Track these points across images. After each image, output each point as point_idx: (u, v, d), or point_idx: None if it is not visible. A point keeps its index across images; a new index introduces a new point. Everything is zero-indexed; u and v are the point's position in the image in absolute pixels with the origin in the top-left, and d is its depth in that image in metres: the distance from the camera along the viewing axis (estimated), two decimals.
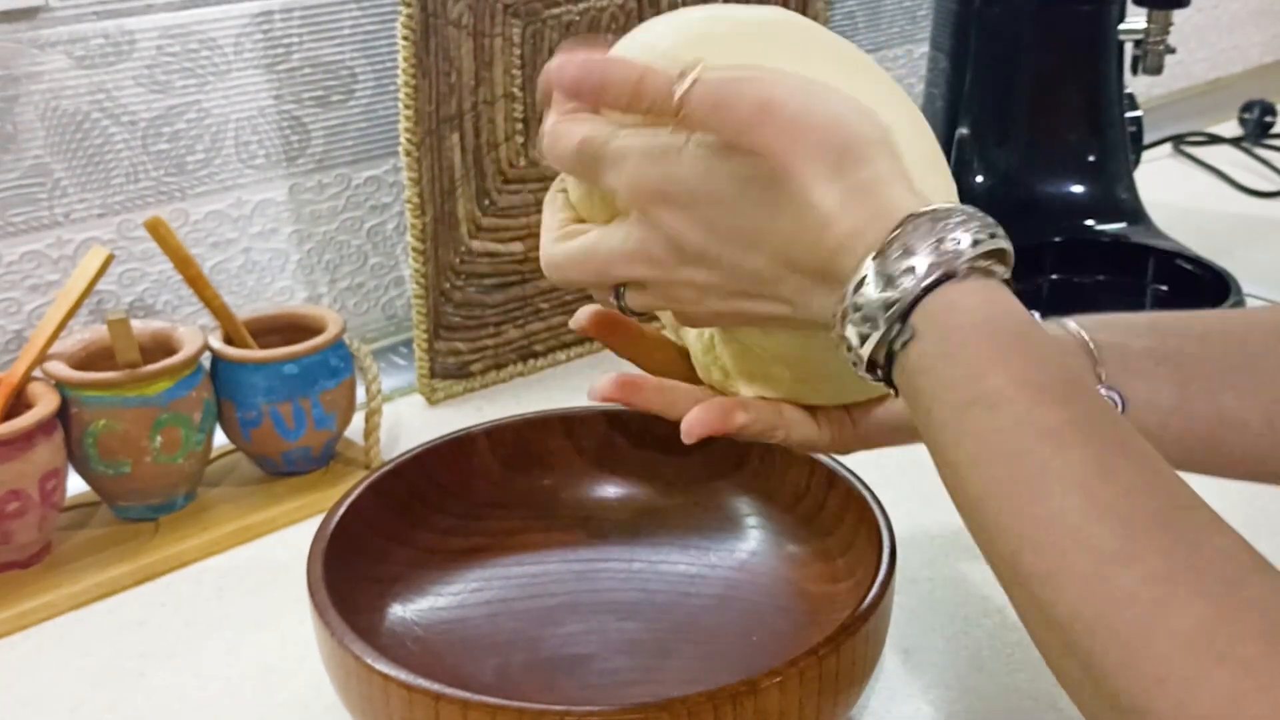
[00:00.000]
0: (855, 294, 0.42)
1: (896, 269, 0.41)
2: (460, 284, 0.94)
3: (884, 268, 0.41)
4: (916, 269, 0.41)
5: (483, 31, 0.90)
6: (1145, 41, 1.06)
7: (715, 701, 0.49)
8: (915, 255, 0.41)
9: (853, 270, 0.42)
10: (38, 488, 0.70)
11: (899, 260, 0.41)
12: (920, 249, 0.41)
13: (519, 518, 0.70)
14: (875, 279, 0.41)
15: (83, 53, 0.85)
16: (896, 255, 0.41)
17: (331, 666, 0.55)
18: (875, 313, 0.41)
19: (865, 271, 0.41)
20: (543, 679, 0.60)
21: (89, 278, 0.73)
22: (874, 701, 0.61)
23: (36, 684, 0.65)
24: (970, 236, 0.41)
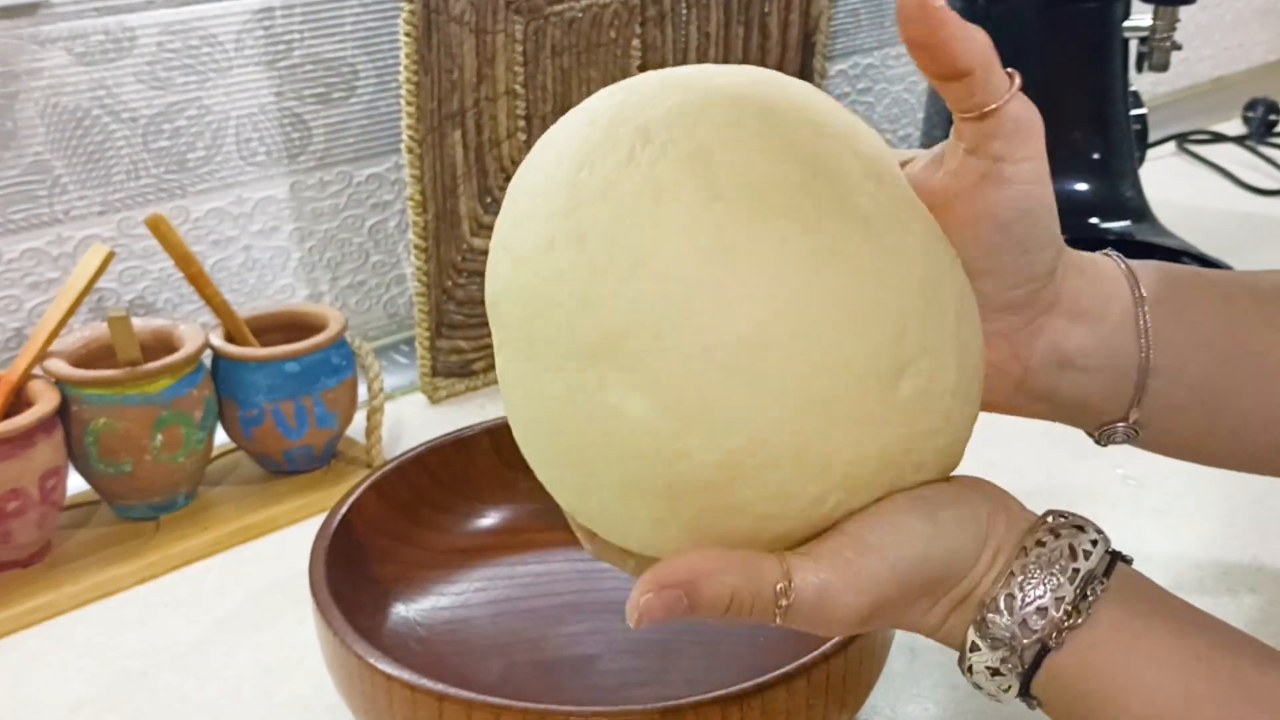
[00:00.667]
0: (972, 675, 0.43)
1: (994, 659, 0.42)
2: (462, 282, 0.94)
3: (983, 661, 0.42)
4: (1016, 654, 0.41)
5: (485, 28, 0.89)
6: (1151, 38, 1.05)
7: (722, 704, 0.48)
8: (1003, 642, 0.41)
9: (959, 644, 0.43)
10: (38, 486, 0.69)
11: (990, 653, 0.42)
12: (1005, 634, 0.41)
13: (522, 517, 0.70)
14: (977, 671, 0.42)
15: (83, 49, 0.84)
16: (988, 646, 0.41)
17: (334, 667, 0.54)
18: (994, 688, 0.42)
19: (968, 663, 0.42)
20: (547, 679, 0.59)
21: (89, 275, 0.73)
22: (880, 701, 0.61)
23: (37, 684, 0.64)
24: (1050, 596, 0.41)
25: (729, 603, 0.39)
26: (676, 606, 0.39)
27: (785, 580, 0.39)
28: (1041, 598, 0.41)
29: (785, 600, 0.39)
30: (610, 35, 0.97)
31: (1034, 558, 0.41)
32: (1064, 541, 0.41)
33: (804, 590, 0.39)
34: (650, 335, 0.37)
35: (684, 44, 1.01)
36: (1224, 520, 0.77)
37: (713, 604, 0.39)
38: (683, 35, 1.01)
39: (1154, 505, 0.78)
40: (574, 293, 0.38)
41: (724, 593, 0.39)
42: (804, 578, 0.39)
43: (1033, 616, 0.40)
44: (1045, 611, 0.40)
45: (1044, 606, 0.40)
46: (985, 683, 0.42)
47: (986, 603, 0.41)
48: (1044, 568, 0.41)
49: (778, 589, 0.39)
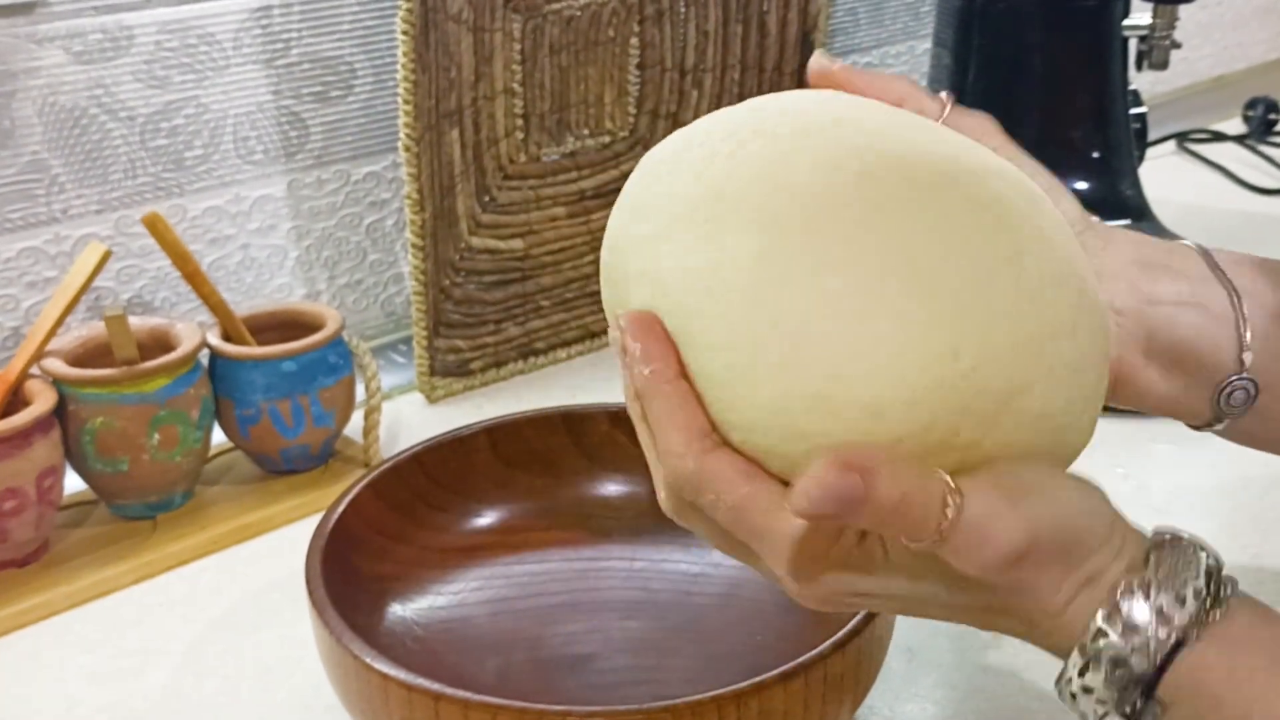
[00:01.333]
0: (1080, 677, 0.40)
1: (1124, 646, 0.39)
2: (460, 281, 0.94)
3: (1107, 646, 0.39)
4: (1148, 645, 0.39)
5: (482, 26, 0.89)
6: (1151, 37, 1.05)
7: (720, 704, 0.48)
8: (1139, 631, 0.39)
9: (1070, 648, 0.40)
10: (35, 485, 0.69)
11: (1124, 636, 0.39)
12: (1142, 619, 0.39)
13: (520, 516, 0.70)
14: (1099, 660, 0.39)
15: (81, 48, 0.84)
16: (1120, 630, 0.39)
17: (330, 666, 0.54)
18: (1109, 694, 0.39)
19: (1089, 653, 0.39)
20: (544, 679, 0.59)
21: (86, 274, 0.73)
22: (879, 702, 0.61)
23: (34, 682, 0.64)
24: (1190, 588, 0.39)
25: (898, 502, 0.37)
26: (853, 492, 0.36)
27: (957, 495, 0.38)
28: (1182, 586, 0.39)
29: (950, 514, 0.37)
30: (608, 34, 0.97)
31: (1168, 552, 0.40)
32: (1189, 545, 0.40)
33: (971, 508, 0.38)
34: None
35: (682, 42, 1.01)
36: (1225, 519, 0.76)
37: (884, 499, 0.37)
38: (681, 33, 1.01)
39: (1155, 504, 0.78)
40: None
41: (897, 491, 0.37)
42: (973, 496, 0.38)
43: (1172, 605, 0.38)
44: (1184, 601, 0.38)
45: (1183, 596, 0.39)
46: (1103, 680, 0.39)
47: (1121, 587, 0.39)
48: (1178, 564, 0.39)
49: (947, 500, 0.38)
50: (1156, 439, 0.85)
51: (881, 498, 0.37)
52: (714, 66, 1.03)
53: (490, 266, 0.96)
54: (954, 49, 1.12)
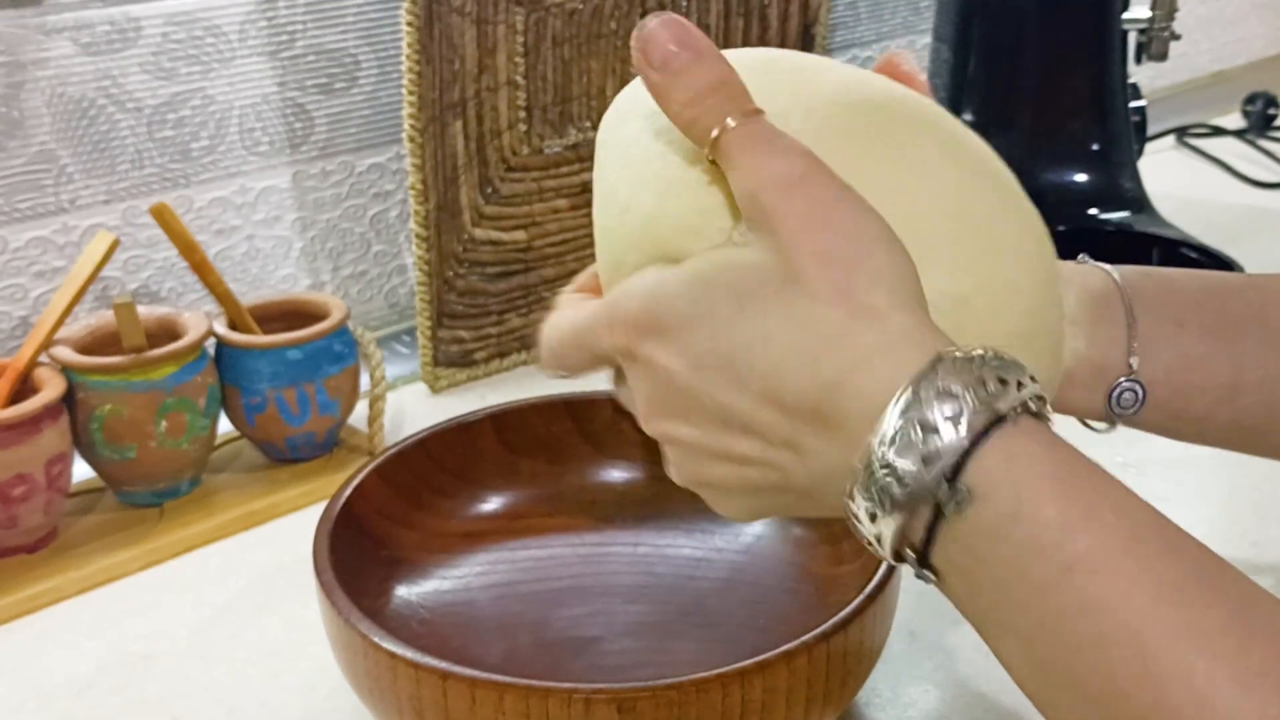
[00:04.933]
0: (881, 449, 0.34)
1: (933, 416, 0.34)
2: (463, 272, 0.94)
3: (915, 414, 0.34)
4: (962, 415, 0.34)
5: (486, 19, 0.90)
6: (1150, 28, 1.06)
7: (724, 681, 0.49)
8: (955, 398, 0.34)
9: (864, 416, 0.35)
10: (44, 472, 0.70)
11: (935, 405, 0.34)
12: (959, 391, 0.34)
13: (524, 502, 0.70)
14: (904, 431, 0.34)
15: (89, 39, 0.85)
16: (930, 399, 0.34)
17: (338, 647, 0.55)
18: (913, 473, 0.34)
19: (887, 421, 0.34)
20: (549, 661, 0.60)
21: (95, 263, 0.73)
22: (881, 684, 0.61)
23: (43, 667, 0.65)
24: (1014, 377, 0.35)
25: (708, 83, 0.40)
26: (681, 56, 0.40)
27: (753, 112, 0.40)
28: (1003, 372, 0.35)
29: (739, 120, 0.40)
30: (611, 26, 0.98)
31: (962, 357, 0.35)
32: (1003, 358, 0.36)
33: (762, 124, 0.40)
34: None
35: None
36: (1224, 506, 0.77)
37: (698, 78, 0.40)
38: None
39: (1154, 492, 0.78)
40: None
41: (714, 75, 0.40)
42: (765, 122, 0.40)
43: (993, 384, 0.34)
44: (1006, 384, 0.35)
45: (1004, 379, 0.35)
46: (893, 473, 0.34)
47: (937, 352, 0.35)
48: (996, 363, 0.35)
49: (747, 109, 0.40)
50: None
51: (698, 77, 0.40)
52: None
53: (493, 258, 0.96)
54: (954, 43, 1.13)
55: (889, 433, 0.34)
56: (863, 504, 0.35)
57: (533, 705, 0.48)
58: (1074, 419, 0.52)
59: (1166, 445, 0.84)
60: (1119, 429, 0.52)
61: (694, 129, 0.41)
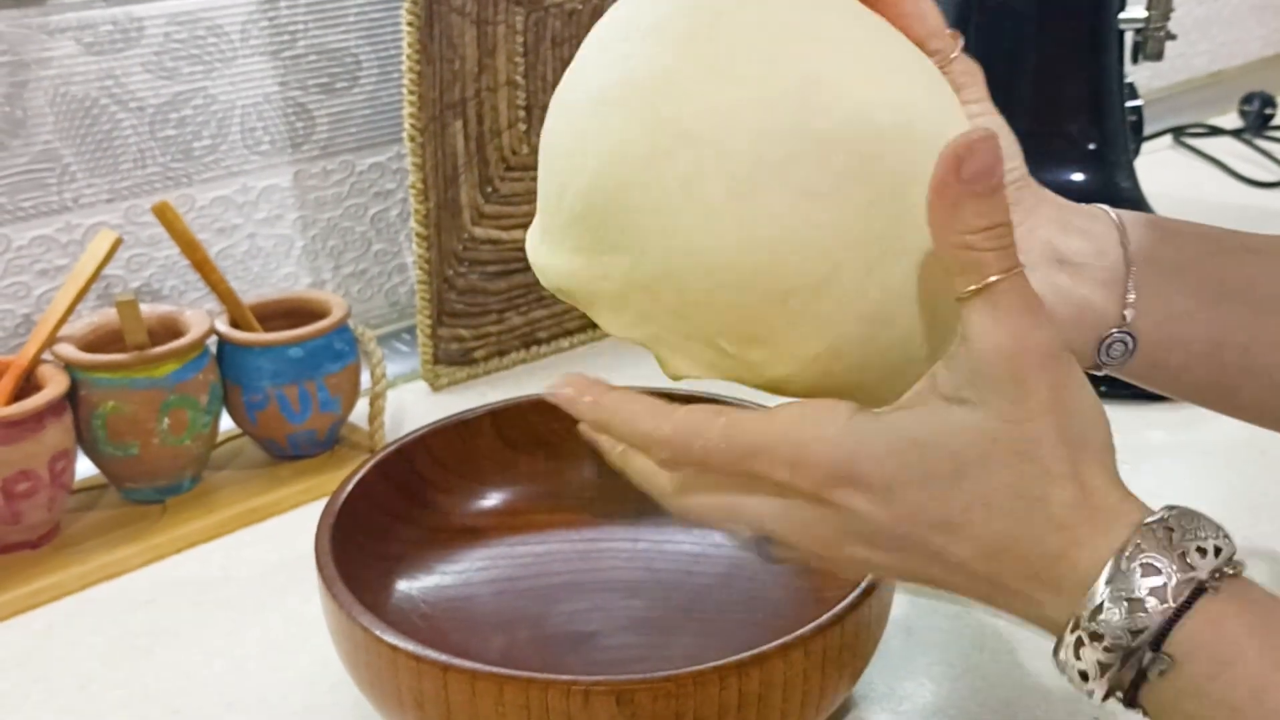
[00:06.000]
0: (1090, 620, 0.37)
1: (1139, 589, 0.36)
2: (463, 271, 0.95)
3: (1123, 587, 0.36)
4: (1165, 588, 0.36)
5: (486, 19, 0.90)
6: (1146, 28, 1.06)
7: (721, 674, 0.49)
8: (1159, 573, 0.36)
9: (1078, 586, 0.37)
10: (47, 468, 0.70)
11: (1141, 579, 0.36)
12: (1162, 564, 0.37)
13: (523, 498, 0.71)
14: (1113, 601, 0.37)
15: (91, 39, 0.85)
16: (1136, 573, 0.36)
17: (340, 640, 0.55)
18: (1119, 640, 0.37)
19: (1099, 594, 0.37)
20: (548, 655, 0.60)
21: (98, 261, 0.74)
22: (877, 678, 0.62)
23: (46, 662, 0.65)
24: (1212, 543, 0.37)
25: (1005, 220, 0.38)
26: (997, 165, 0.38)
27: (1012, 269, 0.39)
28: (1201, 540, 0.37)
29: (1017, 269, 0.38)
30: None
31: (1178, 514, 0.38)
32: (1195, 513, 0.39)
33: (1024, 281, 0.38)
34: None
35: None
36: (1218, 504, 0.77)
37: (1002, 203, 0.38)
38: None
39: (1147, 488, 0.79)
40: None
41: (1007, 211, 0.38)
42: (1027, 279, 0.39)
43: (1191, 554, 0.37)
44: (1205, 552, 0.37)
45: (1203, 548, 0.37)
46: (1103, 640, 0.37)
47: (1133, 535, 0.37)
48: (1193, 523, 0.38)
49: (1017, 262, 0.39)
50: (1150, 425, 0.86)
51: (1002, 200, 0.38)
52: None
53: (493, 256, 0.97)
54: None
55: (1098, 604, 0.37)
56: (1074, 662, 0.38)
57: (532, 697, 0.49)
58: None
59: (1160, 442, 0.85)
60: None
61: (965, 259, 0.38)
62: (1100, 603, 0.37)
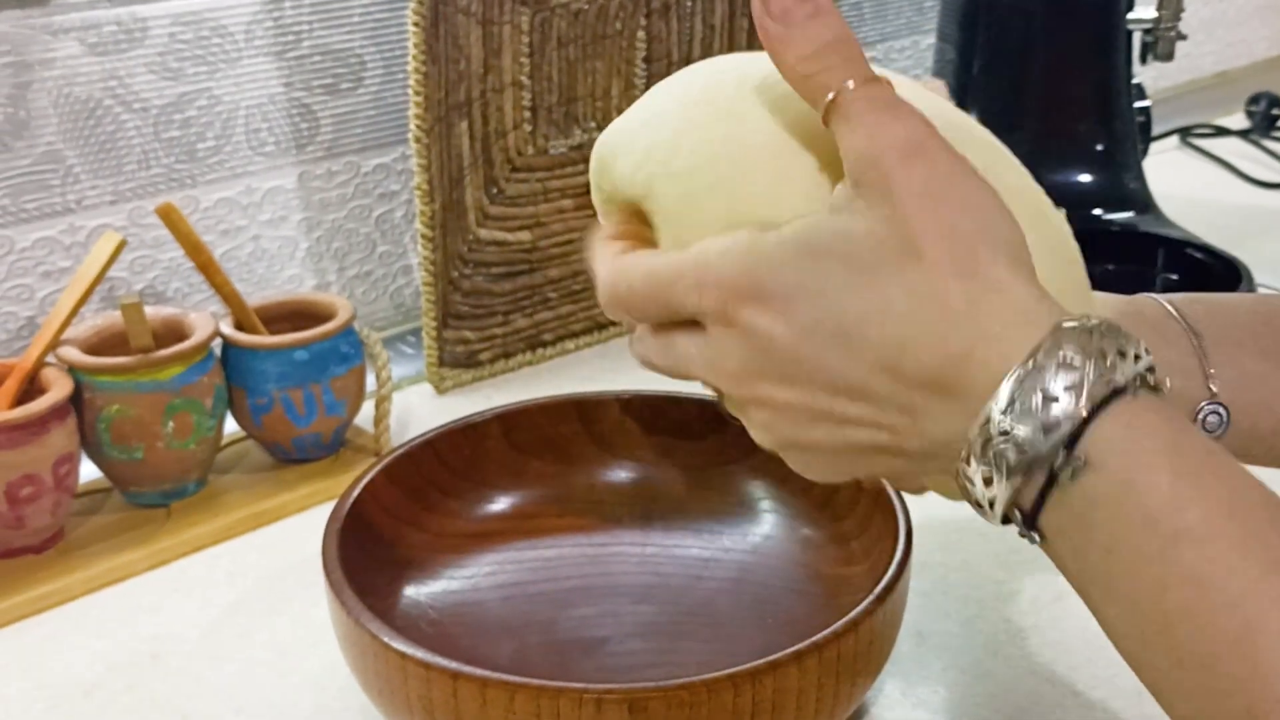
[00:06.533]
0: (1001, 417, 0.35)
1: (1053, 386, 0.35)
2: (468, 273, 0.95)
3: (1035, 383, 0.35)
4: (1082, 386, 0.35)
5: (491, 19, 0.90)
6: (1157, 28, 1.06)
7: (735, 681, 0.49)
8: (1075, 369, 0.35)
9: (986, 385, 0.35)
10: (51, 472, 0.70)
11: (1055, 375, 0.35)
12: (1079, 362, 0.35)
13: (532, 502, 0.70)
14: (1024, 399, 0.35)
15: (95, 39, 0.85)
16: (1051, 370, 0.35)
17: (348, 647, 0.55)
18: (1030, 441, 0.35)
19: (1006, 390, 0.35)
20: (558, 661, 0.60)
21: (102, 263, 0.73)
22: (890, 685, 0.61)
23: (51, 668, 0.65)
24: (1131, 349, 0.36)
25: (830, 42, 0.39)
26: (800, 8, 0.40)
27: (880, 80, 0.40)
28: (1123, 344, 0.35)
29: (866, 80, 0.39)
30: (616, 27, 0.98)
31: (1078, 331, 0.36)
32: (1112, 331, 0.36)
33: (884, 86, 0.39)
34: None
35: (689, 36, 1.02)
36: None
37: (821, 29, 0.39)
38: (688, 27, 1.01)
39: None
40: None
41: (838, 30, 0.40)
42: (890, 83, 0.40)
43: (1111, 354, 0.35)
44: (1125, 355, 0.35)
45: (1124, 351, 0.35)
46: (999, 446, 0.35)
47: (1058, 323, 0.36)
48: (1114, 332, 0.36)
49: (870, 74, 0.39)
50: None
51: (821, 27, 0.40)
52: None
53: (498, 258, 0.96)
54: (958, 43, 1.13)
55: (1009, 401, 0.35)
56: (978, 469, 0.36)
57: (544, 705, 0.48)
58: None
59: None
60: None
61: (809, 85, 0.40)
62: (1011, 399, 0.35)
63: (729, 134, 0.44)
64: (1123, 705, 0.60)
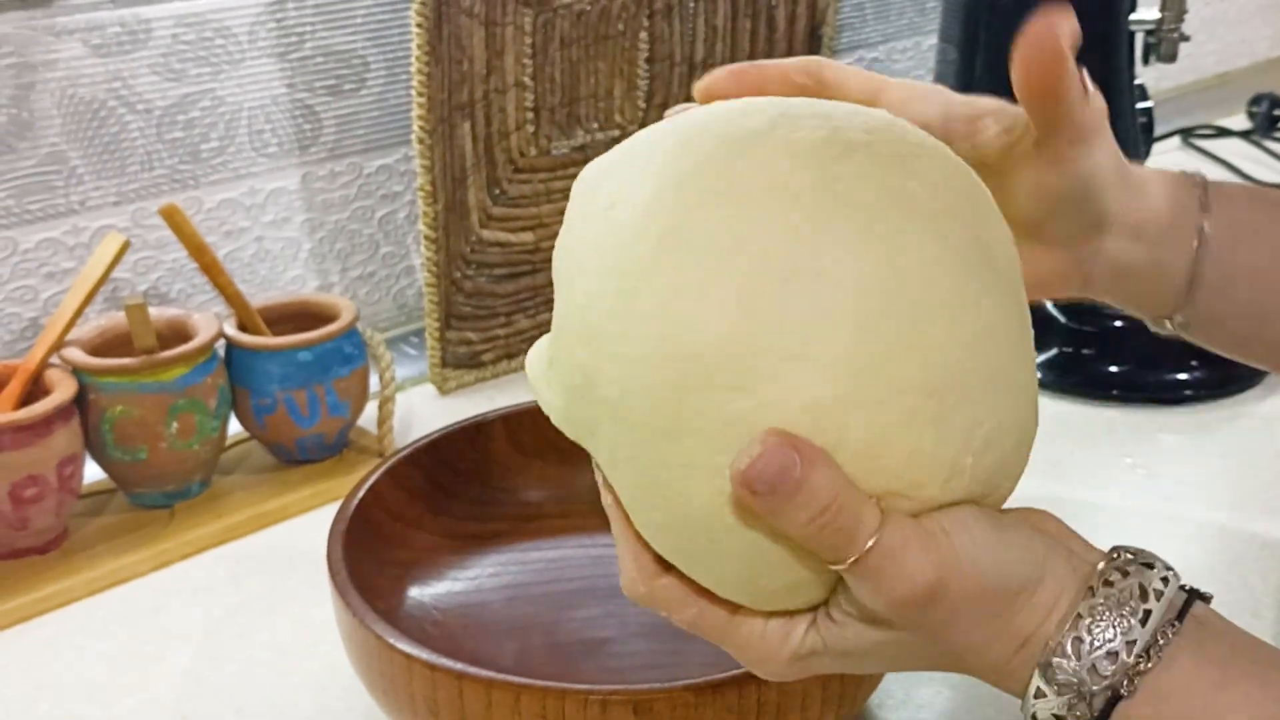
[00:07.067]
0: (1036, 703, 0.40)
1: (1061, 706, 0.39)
2: (471, 273, 0.95)
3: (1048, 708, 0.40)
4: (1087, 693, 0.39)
5: (494, 20, 0.90)
6: (1160, 29, 1.06)
7: (740, 683, 0.49)
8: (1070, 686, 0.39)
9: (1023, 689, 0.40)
10: (55, 473, 0.70)
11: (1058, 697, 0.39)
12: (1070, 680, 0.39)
13: (535, 503, 0.70)
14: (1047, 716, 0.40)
15: (99, 41, 0.85)
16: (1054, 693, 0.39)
17: (353, 647, 0.55)
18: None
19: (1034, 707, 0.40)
20: (562, 662, 0.60)
21: (105, 264, 0.74)
22: (894, 685, 0.62)
23: (54, 668, 0.65)
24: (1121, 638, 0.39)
25: (829, 502, 0.37)
26: (789, 470, 0.36)
27: (879, 525, 0.38)
28: (1111, 641, 0.39)
29: (870, 541, 0.37)
30: (618, 28, 0.98)
31: (1102, 599, 0.39)
32: (1133, 581, 0.39)
33: (889, 537, 0.38)
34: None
35: (691, 37, 1.02)
36: (1233, 508, 0.77)
37: (818, 492, 0.37)
38: (690, 28, 1.02)
39: (1163, 493, 0.79)
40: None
41: (831, 489, 0.37)
42: (892, 525, 0.38)
43: (1102, 661, 0.39)
44: (1116, 656, 0.38)
45: (1114, 650, 0.38)
46: None
47: (1052, 646, 0.39)
48: (1113, 609, 0.39)
49: (871, 527, 0.38)
50: (1164, 429, 0.86)
51: (816, 488, 0.37)
52: (723, 60, 1.04)
53: (501, 259, 0.96)
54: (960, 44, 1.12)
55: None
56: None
57: (549, 706, 0.48)
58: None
59: (1175, 445, 0.84)
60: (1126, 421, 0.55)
61: (821, 548, 0.38)
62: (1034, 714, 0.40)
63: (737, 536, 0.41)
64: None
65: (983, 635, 0.40)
